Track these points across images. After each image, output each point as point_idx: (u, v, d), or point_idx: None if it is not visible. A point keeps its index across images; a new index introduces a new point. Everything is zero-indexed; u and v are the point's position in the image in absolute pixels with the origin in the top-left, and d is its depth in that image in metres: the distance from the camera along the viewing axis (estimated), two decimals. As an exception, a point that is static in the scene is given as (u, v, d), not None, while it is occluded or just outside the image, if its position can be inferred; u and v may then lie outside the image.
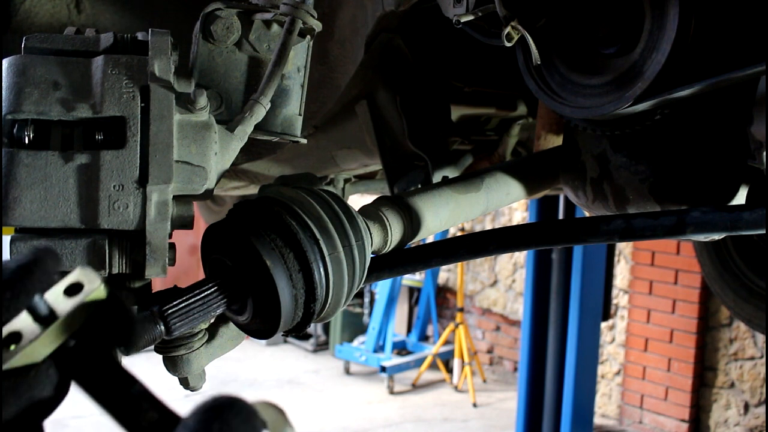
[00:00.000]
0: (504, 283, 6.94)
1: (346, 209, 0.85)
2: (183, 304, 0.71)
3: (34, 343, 0.43)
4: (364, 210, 0.98)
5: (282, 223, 0.77)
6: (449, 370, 6.88)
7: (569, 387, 4.67)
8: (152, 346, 0.76)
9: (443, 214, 1.08)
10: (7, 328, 0.43)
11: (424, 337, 7.32)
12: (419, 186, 1.46)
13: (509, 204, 1.24)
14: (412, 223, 1.02)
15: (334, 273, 0.80)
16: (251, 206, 0.80)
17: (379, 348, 6.80)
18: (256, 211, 0.79)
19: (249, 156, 1.58)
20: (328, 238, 0.80)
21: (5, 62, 0.73)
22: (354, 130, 1.67)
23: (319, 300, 0.79)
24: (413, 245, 1.07)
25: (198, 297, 0.73)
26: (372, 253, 0.93)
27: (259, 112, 0.83)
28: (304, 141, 0.95)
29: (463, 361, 6.45)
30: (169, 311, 0.70)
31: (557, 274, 4.66)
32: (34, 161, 0.70)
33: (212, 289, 0.75)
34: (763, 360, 4.96)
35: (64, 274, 0.46)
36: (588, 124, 1.11)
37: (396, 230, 0.99)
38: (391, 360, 6.57)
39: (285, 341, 8.11)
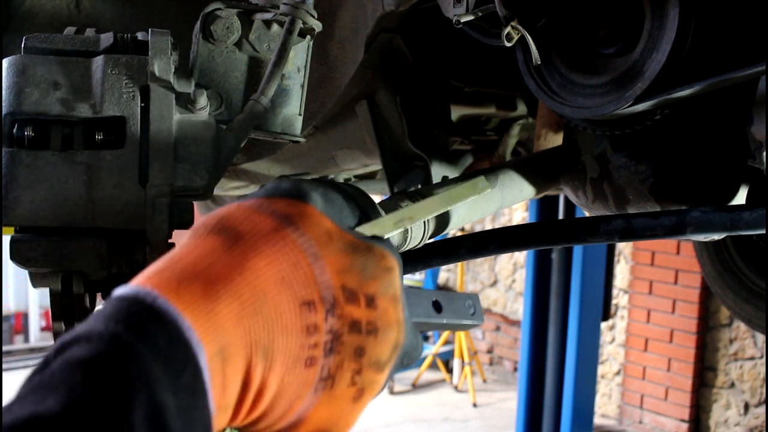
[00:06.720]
0: (504, 283, 6.94)
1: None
2: None
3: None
4: (383, 205, 0.97)
5: None
6: (449, 370, 6.88)
7: (569, 387, 4.67)
8: None
9: (461, 210, 1.07)
10: None
11: (423, 337, 7.32)
12: (419, 186, 1.46)
13: (522, 201, 1.24)
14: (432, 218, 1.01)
15: None
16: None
17: (379, 348, 6.78)
18: None
19: (249, 156, 1.58)
20: None
21: (5, 62, 0.73)
22: (354, 130, 1.66)
23: None
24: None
25: None
26: None
27: (259, 112, 0.84)
28: (303, 141, 0.95)
29: (463, 361, 6.45)
30: None
31: (557, 274, 4.65)
32: (34, 161, 0.70)
33: None
34: (763, 360, 4.96)
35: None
36: (588, 124, 1.11)
37: (416, 226, 0.98)
38: (391, 360, 6.56)
39: (285, 341, 8.09)
